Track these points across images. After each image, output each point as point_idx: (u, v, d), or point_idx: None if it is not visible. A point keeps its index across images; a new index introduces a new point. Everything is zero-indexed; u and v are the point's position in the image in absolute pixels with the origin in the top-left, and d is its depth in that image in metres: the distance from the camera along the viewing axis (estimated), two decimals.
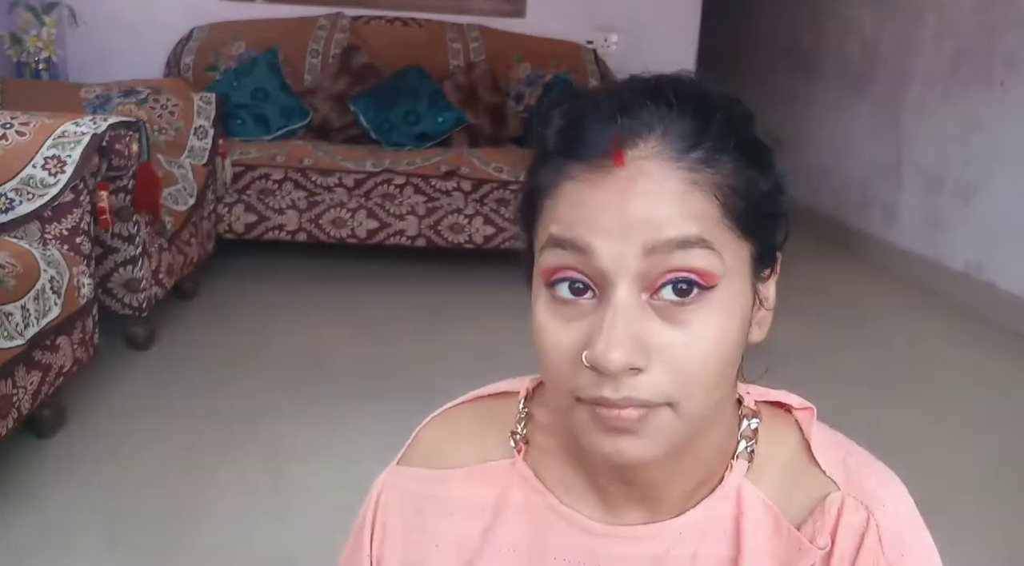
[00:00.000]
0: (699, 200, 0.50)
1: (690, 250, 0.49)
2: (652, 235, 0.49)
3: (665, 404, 0.50)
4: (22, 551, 1.65)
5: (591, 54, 4.25)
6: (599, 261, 0.50)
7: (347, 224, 3.44)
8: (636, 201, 0.49)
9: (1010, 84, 3.46)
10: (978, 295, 3.54)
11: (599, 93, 0.54)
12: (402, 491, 0.65)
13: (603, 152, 0.50)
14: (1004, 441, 2.40)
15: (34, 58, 3.67)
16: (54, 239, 2.15)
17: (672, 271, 0.49)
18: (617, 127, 0.50)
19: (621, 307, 0.49)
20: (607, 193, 0.50)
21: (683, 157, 0.50)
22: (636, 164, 0.50)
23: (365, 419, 2.25)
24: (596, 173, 0.50)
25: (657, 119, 0.51)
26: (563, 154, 0.52)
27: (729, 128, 0.52)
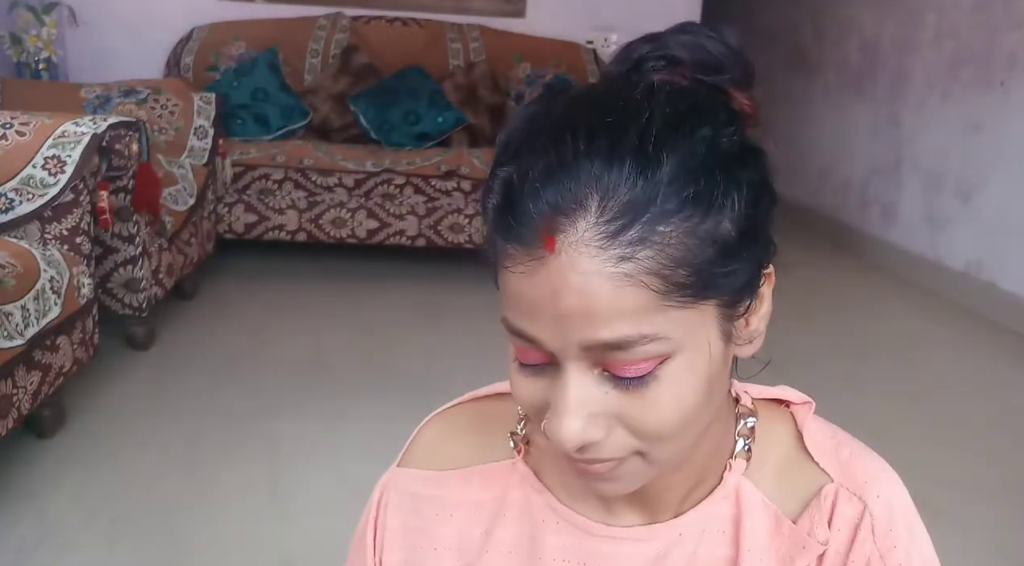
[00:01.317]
0: (632, 294, 0.46)
1: (629, 349, 0.47)
2: (587, 335, 0.46)
3: (634, 454, 0.50)
4: (22, 551, 1.65)
5: (591, 54, 4.25)
6: (545, 348, 0.49)
7: (347, 224, 3.44)
8: (567, 297, 0.46)
9: (1010, 84, 3.46)
10: (978, 295, 3.54)
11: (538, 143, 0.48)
12: (401, 492, 0.65)
13: (535, 239, 0.46)
14: (1004, 441, 2.40)
15: (34, 58, 3.67)
16: (54, 239, 2.15)
17: (615, 365, 0.48)
18: (546, 206, 0.46)
19: (572, 388, 0.48)
20: (541, 286, 0.47)
21: (615, 241, 0.45)
22: (567, 254, 0.46)
23: (365, 419, 2.25)
24: (531, 260, 0.47)
25: (593, 185, 0.46)
26: (502, 236, 0.49)
27: (680, 175, 0.46)
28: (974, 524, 1.93)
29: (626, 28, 4.36)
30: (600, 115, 0.48)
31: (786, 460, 0.60)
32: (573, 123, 0.48)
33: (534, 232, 0.46)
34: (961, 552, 1.79)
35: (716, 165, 0.48)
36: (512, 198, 0.48)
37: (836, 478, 0.58)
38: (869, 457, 0.61)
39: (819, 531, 0.57)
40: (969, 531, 1.89)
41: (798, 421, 0.62)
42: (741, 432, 0.60)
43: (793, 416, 0.62)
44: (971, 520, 1.94)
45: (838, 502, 0.57)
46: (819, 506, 0.58)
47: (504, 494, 0.62)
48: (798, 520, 0.58)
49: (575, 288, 0.46)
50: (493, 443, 0.64)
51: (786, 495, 0.59)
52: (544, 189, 0.46)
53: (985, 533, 1.91)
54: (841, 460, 0.59)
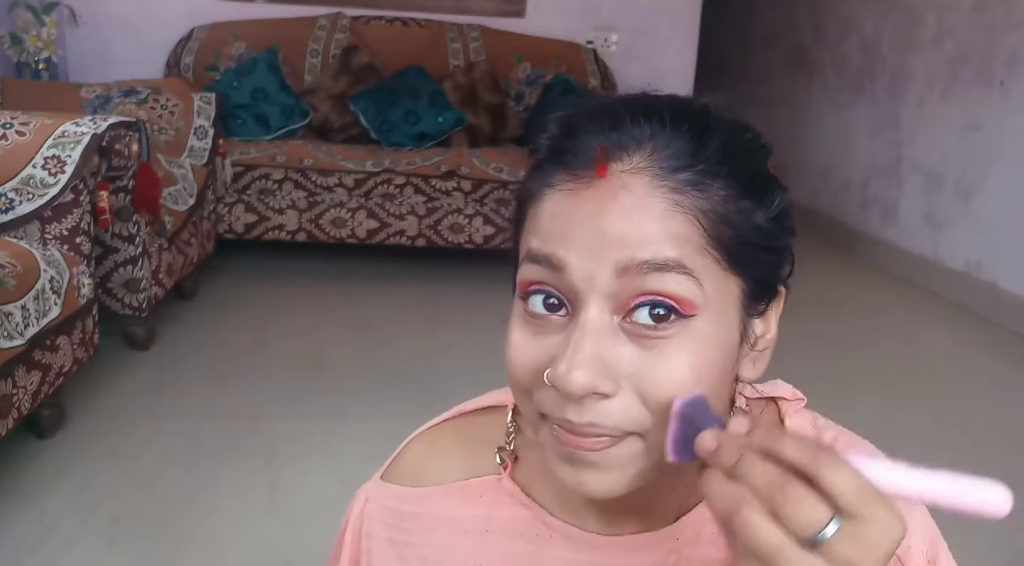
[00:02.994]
0: (680, 222, 0.47)
1: (666, 274, 0.46)
2: (626, 254, 0.47)
3: (633, 433, 0.48)
4: (22, 551, 1.65)
5: (591, 54, 4.25)
6: (571, 278, 0.48)
7: (347, 224, 3.44)
8: (613, 216, 0.47)
9: (1010, 84, 3.46)
10: (978, 295, 3.54)
11: (597, 103, 0.53)
12: (385, 506, 0.64)
13: (587, 162, 0.49)
14: (1004, 441, 2.40)
15: (34, 58, 3.67)
16: (54, 239, 2.15)
17: (646, 294, 0.47)
18: (604, 138, 0.49)
19: (589, 327, 0.47)
20: (585, 205, 0.48)
21: (669, 176, 0.48)
22: (619, 177, 0.48)
23: (365, 419, 2.25)
24: (578, 183, 0.49)
25: (648, 135, 0.49)
26: (551, 162, 0.51)
27: (727, 154, 0.49)
28: (974, 524, 1.93)
29: (626, 28, 4.36)
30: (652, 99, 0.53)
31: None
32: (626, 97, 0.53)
33: (587, 157, 0.49)
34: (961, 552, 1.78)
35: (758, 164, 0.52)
36: (570, 130, 0.51)
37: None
38: (851, 437, 0.61)
39: None
40: (969, 531, 1.89)
41: (782, 415, 0.62)
42: None
43: (779, 410, 0.62)
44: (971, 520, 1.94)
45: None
46: None
47: (491, 511, 0.61)
48: None
49: (624, 207, 0.47)
50: (478, 460, 0.62)
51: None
52: (604, 127, 0.50)
53: (985, 533, 1.91)
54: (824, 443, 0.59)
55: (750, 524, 0.40)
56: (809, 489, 0.39)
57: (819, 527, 0.39)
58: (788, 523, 0.39)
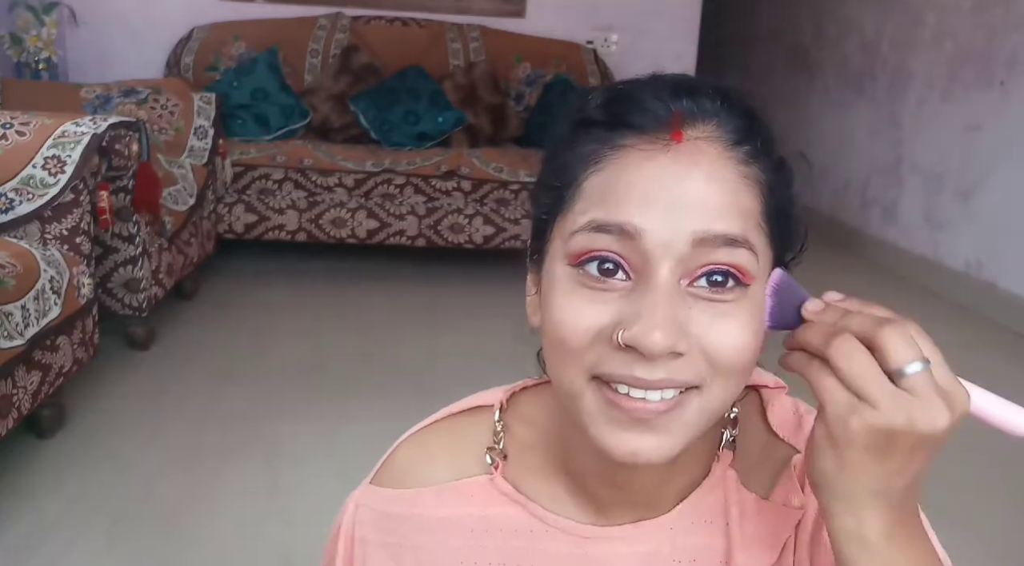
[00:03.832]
0: (748, 195, 0.50)
1: (736, 248, 0.48)
2: (703, 225, 0.48)
3: (694, 388, 0.50)
4: (22, 551, 1.65)
5: (591, 54, 4.25)
6: (645, 245, 0.48)
7: (347, 224, 3.44)
8: (694, 182, 0.48)
9: (1010, 84, 3.46)
10: (978, 295, 3.54)
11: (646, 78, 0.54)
12: (375, 510, 0.64)
13: (662, 124, 0.49)
14: (1004, 441, 2.39)
15: (34, 58, 3.67)
16: (54, 239, 2.15)
17: (716, 264, 0.49)
18: (679, 103, 0.50)
19: (664, 289, 0.48)
20: (664, 167, 0.48)
21: (737, 148, 0.50)
22: (695, 143, 0.49)
23: (365, 419, 2.25)
24: (651, 145, 0.49)
25: (713, 109, 0.50)
26: (612, 124, 0.50)
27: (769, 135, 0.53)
28: (974, 524, 1.93)
29: (626, 28, 4.36)
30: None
31: (761, 445, 0.61)
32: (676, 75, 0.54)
33: (662, 122, 0.49)
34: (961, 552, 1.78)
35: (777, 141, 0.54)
36: (632, 93, 0.51)
37: (802, 448, 0.59)
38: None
39: (794, 498, 0.58)
40: (969, 531, 1.89)
41: (764, 403, 0.62)
42: (725, 423, 0.61)
43: (761, 400, 0.62)
44: (971, 520, 1.94)
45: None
46: (791, 476, 0.58)
47: (484, 510, 0.61)
48: (772, 494, 0.59)
49: (704, 173, 0.48)
50: (467, 461, 0.63)
51: (761, 477, 0.60)
52: (674, 94, 0.51)
53: (985, 533, 1.91)
54: (805, 430, 0.59)
55: (845, 351, 0.46)
56: (903, 332, 0.47)
57: (907, 361, 0.46)
58: (882, 352, 0.46)
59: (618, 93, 0.52)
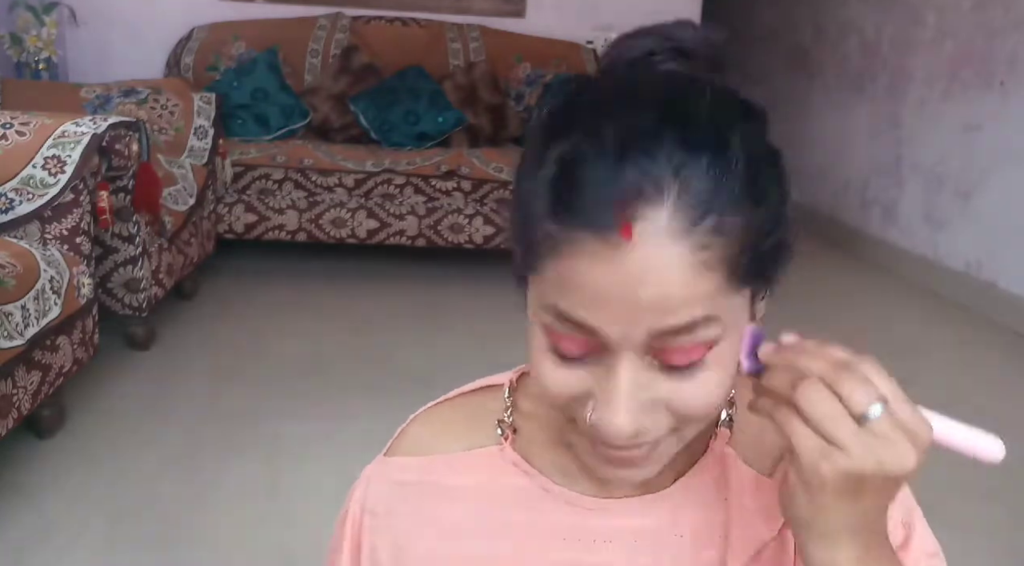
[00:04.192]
0: (708, 279, 0.46)
1: (696, 330, 0.47)
2: (660, 322, 0.46)
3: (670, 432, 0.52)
4: (22, 551, 1.65)
5: (591, 54, 4.25)
6: (603, 339, 0.48)
7: (347, 224, 3.44)
8: (646, 286, 0.45)
9: (1010, 84, 3.46)
10: (978, 295, 3.54)
11: (594, 114, 0.48)
12: (388, 480, 0.65)
13: (608, 222, 0.44)
14: (1004, 442, 2.39)
15: (34, 58, 3.67)
16: (54, 239, 2.15)
17: (677, 348, 0.48)
18: (623, 188, 0.44)
19: (625, 376, 0.48)
20: (614, 274, 0.45)
21: (695, 229, 0.45)
22: (646, 240, 0.44)
23: (365, 418, 2.24)
24: (602, 246, 0.45)
25: (671, 170, 0.45)
26: (559, 219, 0.46)
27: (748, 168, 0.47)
28: (974, 525, 1.93)
29: (626, 28, 4.35)
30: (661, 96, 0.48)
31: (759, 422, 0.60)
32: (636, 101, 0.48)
33: (608, 216, 0.44)
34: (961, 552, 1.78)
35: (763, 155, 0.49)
36: (579, 177, 0.45)
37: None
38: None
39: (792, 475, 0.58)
40: (969, 531, 1.89)
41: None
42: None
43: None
44: (971, 521, 1.94)
45: None
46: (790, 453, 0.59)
47: (492, 479, 0.63)
48: (774, 471, 0.60)
49: (655, 277, 0.45)
50: (479, 433, 0.64)
51: (761, 456, 0.61)
52: (620, 169, 0.45)
53: (985, 533, 1.91)
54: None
55: (811, 396, 0.47)
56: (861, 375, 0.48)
57: (869, 404, 0.47)
58: (845, 399, 0.47)
59: (564, 164, 0.46)
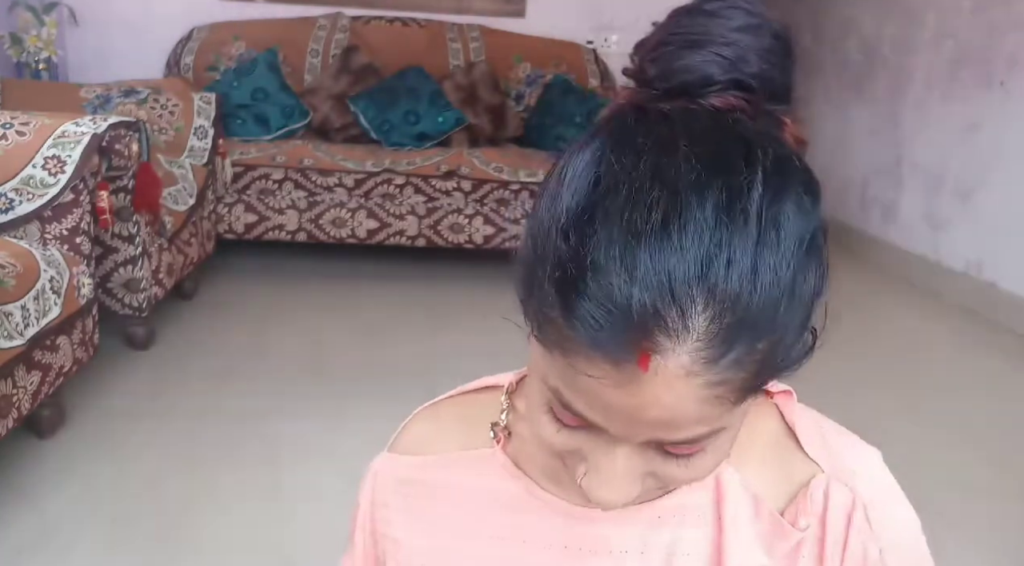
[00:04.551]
0: (713, 409, 0.44)
1: (699, 441, 0.47)
2: (661, 436, 0.46)
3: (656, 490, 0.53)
4: (22, 551, 1.65)
5: (591, 54, 4.25)
6: (607, 431, 0.47)
7: (347, 224, 3.44)
8: (654, 411, 0.44)
9: (1010, 84, 3.46)
10: (978, 295, 3.54)
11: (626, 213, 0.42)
12: (391, 474, 0.67)
13: (627, 356, 0.42)
14: (1004, 442, 2.40)
15: (34, 58, 3.67)
16: (54, 239, 2.15)
17: (671, 447, 0.48)
18: (645, 318, 0.41)
19: (622, 461, 0.48)
20: (625, 398, 0.43)
21: (712, 367, 0.42)
22: (664, 373, 0.42)
23: (365, 418, 2.24)
24: (612, 368, 0.42)
25: (699, 290, 0.41)
26: (576, 335, 0.42)
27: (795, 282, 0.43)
28: (974, 524, 1.93)
29: (626, 28, 4.36)
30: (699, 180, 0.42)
31: (773, 450, 0.61)
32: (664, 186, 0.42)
33: (627, 348, 0.41)
34: (960, 552, 1.78)
35: (815, 247, 0.44)
36: (596, 291, 0.41)
37: (827, 468, 0.59)
38: (853, 443, 0.62)
39: (801, 520, 0.58)
40: (969, 531, 1.89)
41: (785, 412, 0.62)
42: None
43: (778, 407, 0.63)
44: (971, 520, 1.94)
45: (831, 494, 0.58)
46: (807, 497, 0.58)
47: (484, 481, 0.64)
48: (785, 510, 0.59)
49: (664, 406, 0.43)
50: (476, 434, 0.65)
51: (772, 484, 0.60)
52: (641, 288, 0.40)
53: (985, 533, 1.91)
54: (829, 448, 0.60)
55: None
56: None
57: None
58: None
59: (581, 279, 0.42)
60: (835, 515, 0.58)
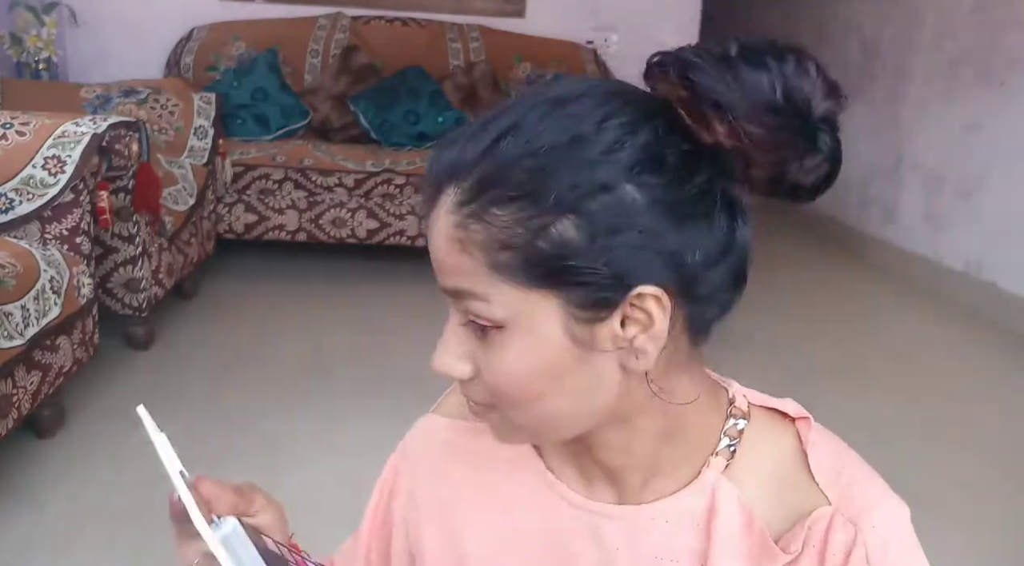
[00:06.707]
0: (459, 256, 0.53)
1: (464, 300, 0.54)
2: (442, 280, 0.55)
3: (491, 406, 0.57)
4: (22, 551, 1.65)
5: (591, 54, 4.25)
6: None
7: (347, 224, 3.44)
8: (431, 245, 0.55)
9: (1010, 84, 3.46)
10: (978, 295, 3.54)
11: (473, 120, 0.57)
12: (425, 433, 0.72)
13: (430, 197, 0.55)
14: (1004, 441, 2.40)
15: (34, 58, 3.67)
16: (54, 239, 2.15)
17: (469, 313, 0.54)
18: (435, 173, 0.54)
19: (449, 327, 0.57)
20: (428, 231, 0.56)
21: (458, 210, 0.52)
22: (436, 209, 0.54)
23: (365, 419, 2.25)
24: (428, 208, 0.56)
25: (456, 167, 0.53)
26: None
27: (532, 174, 0.50)
28: (974, 523, 1.93)
29: (626, 28, 4.36)
30: (525, 100, 0.54)
31: (782, 473, 0.60)
32: (505, 104, 0.55)
33: (429, 192, 0.55)
34: (961, 552, 1.78)
35: (582, 168, 0.50)
36: (428, 160, 0.57)
37: (834, 502, 0.57)
38: (871, 484, 0.59)
39: (792, 545, 0.57)
40: (969, 530, 1.89)
41: (803, 437, 0.61)
42: (728, 432, 0.61)
43: (797, 431, 0.62)
44: (971, 519, 1.94)
45: (832, 528, 0.56)
46: (804, 526, 0.57)
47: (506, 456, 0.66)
48: (783, 537, 0.58)
49: (433, 241, 0.55)
50: None
51: (774, 507, 0.59)
52: (435, 158, 0.55)
53: (985, 532, 1.91)
54: (842, 483, 0.58)
55: None
56: None
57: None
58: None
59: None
60: (834, 550, 0.56)
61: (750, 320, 1.87)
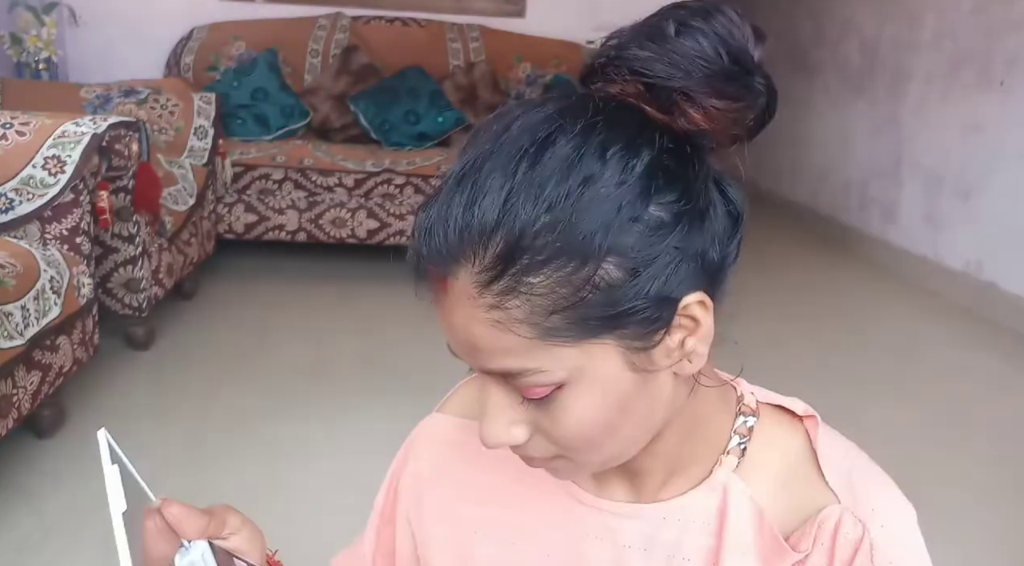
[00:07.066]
0: (502, 338, 0.49)
1: (520, 377, 0.50)
2: (480, 363, 0.51)
3: (558, 457, 0.55)
4: (22, 551, 1.65)
5: (591, 54, 4.25)
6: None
7: (347, 224, 3.44)
8: (455, 333, 0.51)
9: (1010, 84, 3.46)
10: (978, 295, 3.54)
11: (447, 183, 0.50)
12: (437, 437, 0.71)
13: (431, 281, 0.51)
14: (1004, 441, 2.40)
15: (34, 58, 3.67)
16: (54, 239, 2.15)
17: (521, 386, 0.51)
18: (436, 254, 0.49)
19: (491, 397, 0.53)
20: (441, 319, 0.52)
21: (485, 293, 0.48)
22: (453, 294, 0.50)
23: (365, 419, 2.25)
24: (433, 295, 0.52)
25: (458, 247, 0.48)
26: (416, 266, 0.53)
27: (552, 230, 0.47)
28: (974, 524, 1.93)
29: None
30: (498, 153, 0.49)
31: (792, 471, 0.60)
32: (475, 160, 0.50)
33: (428, 276, 0.51)
34: (961, 551, 1.78)
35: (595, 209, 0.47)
36: (416, 238, 0.51)
37: (844, 500, 0.58)
38: (880, 483, 0.60)
39: (802, 543, 0.57)
40: (969, 531, 1.89)
41: (812, 436, 0.61)
42: (738, 430, 0.61)
43: (806, 429, 0.62)
44: (971, 520, 1.94)
45: (841, 526, 0.57)
46: (814, 524, 0.57)
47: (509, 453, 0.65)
48: (792, 535, 0.58)
49: (458, 328, 0.50)
50: None
51: (784, 504, 0.59)
52: (432, 236, 0.49)
53: (985, 533, 1.91)
54: (852, 483, 0.59)
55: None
56: None
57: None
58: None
59: (414, 229, 0.52)
60: (842, 546, 0.56)
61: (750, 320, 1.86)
